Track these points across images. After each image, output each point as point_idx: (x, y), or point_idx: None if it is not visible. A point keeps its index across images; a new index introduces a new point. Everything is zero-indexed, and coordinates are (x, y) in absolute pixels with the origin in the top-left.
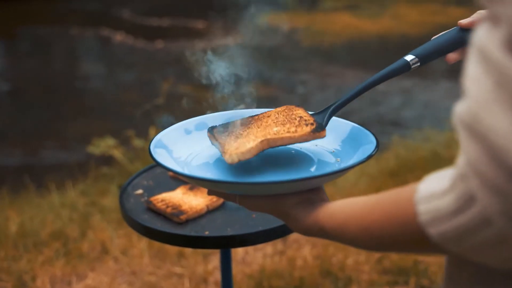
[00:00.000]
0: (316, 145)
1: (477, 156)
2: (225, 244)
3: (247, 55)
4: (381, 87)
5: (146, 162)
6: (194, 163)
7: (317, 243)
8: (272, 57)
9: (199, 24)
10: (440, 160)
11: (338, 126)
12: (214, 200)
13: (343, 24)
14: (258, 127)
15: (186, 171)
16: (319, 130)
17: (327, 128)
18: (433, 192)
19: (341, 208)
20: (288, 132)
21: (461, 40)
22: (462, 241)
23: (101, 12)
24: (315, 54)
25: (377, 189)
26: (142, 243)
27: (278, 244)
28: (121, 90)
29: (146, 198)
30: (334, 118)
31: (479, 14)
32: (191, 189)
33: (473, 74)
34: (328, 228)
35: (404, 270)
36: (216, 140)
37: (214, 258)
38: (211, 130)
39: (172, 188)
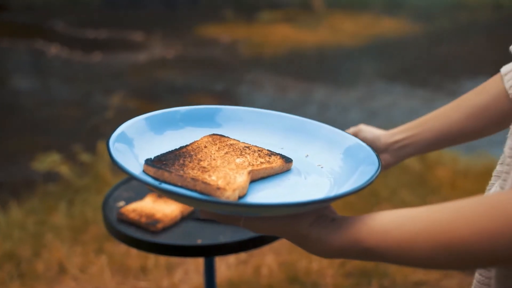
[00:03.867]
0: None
1: None
2: (219, 252)
3: (188, 67)
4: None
5: (95, 178)
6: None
7: (280, 251)
8: (213, 68)
9: (138, 36)
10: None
11: (338, 141)
12: (188, 207)
13: (282, 35)
14: (214, 158)
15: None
16: (289, 160)
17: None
18: None
19: (394, 223)
20: (262, 163)
21: None
22: None
23: (33, 24)
24: (255, 65)
25: (346, 205)
26: (102, 259)
27: (241, 253)
28: (60, 105)
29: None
30: (335, 129)
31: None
32: (160, 196)
33: None
34: (381, 249)
35: (366, 272)
36: (172, 174)
37: (179, 271)
38: (150, 163)
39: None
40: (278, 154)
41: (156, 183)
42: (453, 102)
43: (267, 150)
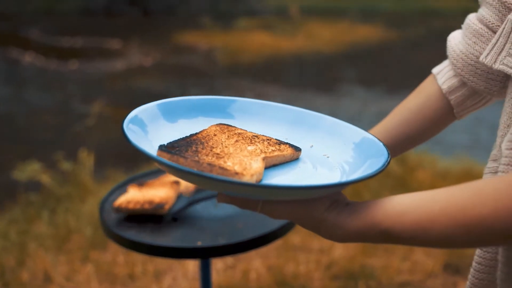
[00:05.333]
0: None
1: None
2: (219, 253)
3: (166, 75)
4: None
5: (77, 186)
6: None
7: (268, 255)
8: (191, 76)
9: (115, 44)
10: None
11: (345, 133)
12: (182, 189)
13: (259, 43)
14: (226, 146)
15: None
16: (299, 149)
17: (334, 132)
18: None
19: (411, 205)
20: (274, 150)
21: None
22: None
23: (7, 32)
24: (233, 73)
25: None
26: (88, 267)
27: (228, 258)
28: (37, 113)
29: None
30: (342, 123)
31: None
32: (141, 184)
33: None
34: (397, 230)
35: (353, 274)
36: (190, 160)
37: (167, 277)
38: (165, 148)
39: None
40: (287, 143)
41: (178, 165)
42: (393, 110)
43: (275, 139)
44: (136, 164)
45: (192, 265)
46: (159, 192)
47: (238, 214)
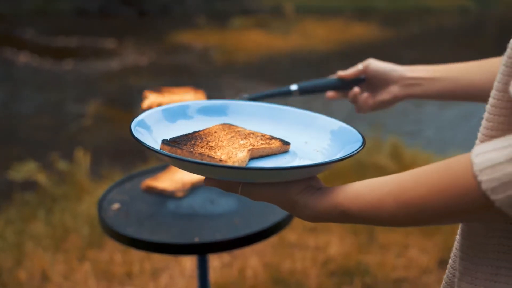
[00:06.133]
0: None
1: None
2: (216, 249)
3: (161, 74)
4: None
5: (73, 185)
6: None
7: (264, 252)
8: (187, 75)
9: (109, 43)
10: (363, 167)
11: (324, 125)
12: (178, 187)
13: (254, 42)
14: (221, 140)
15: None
16: (287, 143)
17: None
18: (496, 161)
19: (367, 188)
20: (262, 144)
21: (336, 85)
22: None
23: (1, 32)
24: (229, 72)
25: None
26: (85, 265)
27: (225, 256)
28: (32, 113)
29: (125, 210)
30: (320, 116)
31: (356, 68)
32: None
33: None
34: (354, 210)
35: (349, 271)
36: (186, 151)
37: (164, 275)
38: (166, 142)
39: (146, 201)
40: (278, 138)
41: (171, 154)
42: (477, 62)
43: (269, 135)
44: (132, 163)
45: (189, 263)
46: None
47: (234, 210)
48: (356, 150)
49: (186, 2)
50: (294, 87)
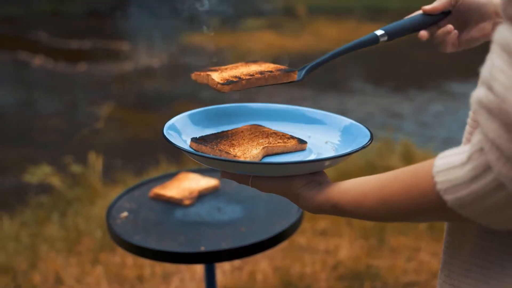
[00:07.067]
0: (309, 136)
1: (497, 133)
2: (222, 258)
3: (174, 76)
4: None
5: (87, 188)
6: None
7: (274, 256)
8: None
9: (122, 46)
10: (374, 168)
11: (335, 122)
12: (186, 195)
13: (267, 42)
14: (244, 138)
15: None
16: (304, 142)
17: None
18: (451, 165)
19: (355, 185)
20: (279, 142)
21: (423, 22)
22: (475, 205)
23: (16, 35)
24: None
25: None
26: (98, 269)
27: (235, 260)
28: (46, 116)
29: (133, 218)
30: (331, 114)
31: (439, 1)
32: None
33: (499, 65)
34: (343, 204)
35: (358, 275)
36: (209, 148)
37: (175, 279)
38: (195, 140)
39: (154, 209)
40: (297, 137)
41: (191, 150)
42: None
43: (290, 135)
44: (144, 167)
45: (199, 268)
46: (192, 183)
47: (241, 218)
48: (356, 150)
49: (197, 4)
50: (380, 32)
